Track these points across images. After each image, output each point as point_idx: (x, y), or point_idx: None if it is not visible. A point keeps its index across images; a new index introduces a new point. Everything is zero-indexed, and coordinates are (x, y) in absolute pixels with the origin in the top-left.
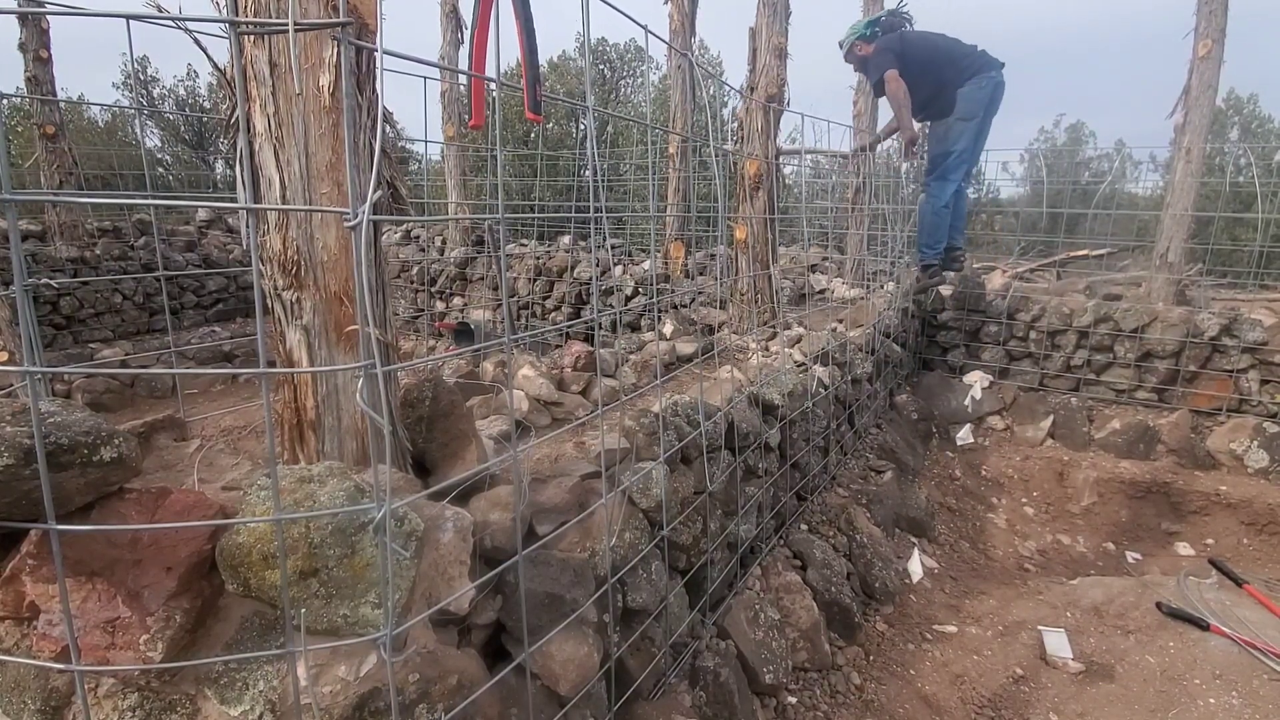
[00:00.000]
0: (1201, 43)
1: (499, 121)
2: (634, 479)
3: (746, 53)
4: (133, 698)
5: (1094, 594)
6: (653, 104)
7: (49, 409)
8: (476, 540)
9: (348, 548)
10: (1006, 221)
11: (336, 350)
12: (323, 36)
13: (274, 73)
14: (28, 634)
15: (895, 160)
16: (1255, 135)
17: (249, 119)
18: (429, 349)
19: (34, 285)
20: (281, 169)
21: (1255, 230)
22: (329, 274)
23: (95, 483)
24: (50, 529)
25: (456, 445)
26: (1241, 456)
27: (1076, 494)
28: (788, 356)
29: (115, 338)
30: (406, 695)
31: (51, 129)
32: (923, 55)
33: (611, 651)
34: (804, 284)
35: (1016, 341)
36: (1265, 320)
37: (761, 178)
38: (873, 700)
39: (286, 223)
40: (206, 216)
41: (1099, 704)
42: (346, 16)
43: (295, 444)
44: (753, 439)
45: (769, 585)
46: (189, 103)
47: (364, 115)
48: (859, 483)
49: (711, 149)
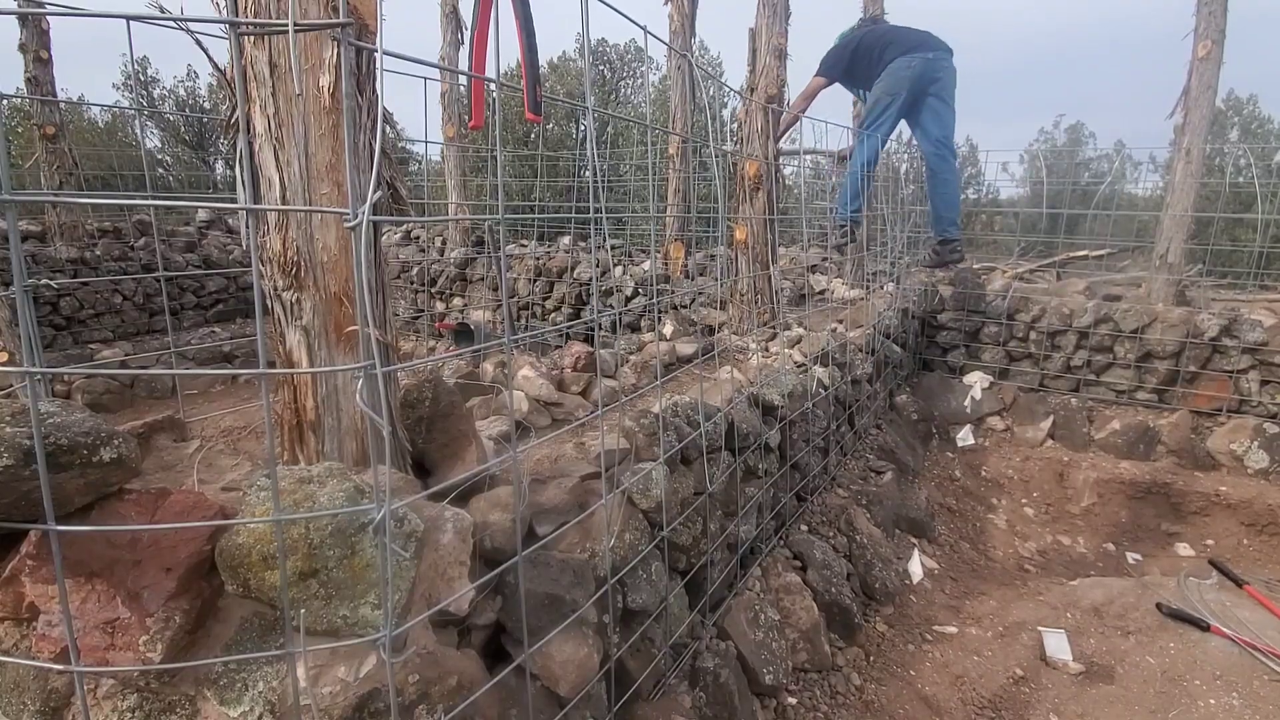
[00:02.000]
0: (1201, 44)
1: (499, 122)
2: (634, 480)
3: (746, 53)
4: (132, 698)
5: (1094, 595)
6: (652, 105)
7: (48, 409)
8: (476, 541)
9: (347, 548)
10: (1006, 222)
11: (336, 351)
12: (323, 37)
13: (274, 73)
14: (27, 634)
15: (894, 161)
16: (1255, 136)
17: (249, 119)
18: (429, 349)
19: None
20: (281, 169)
21: (1255, 231)
22: (329, 275)
23: (95, 483)
24: (50, 529)
25: (456, 446)
26: (1242, 457)
27: (1076, 495)
28: (787, 357)
29: (115, 338)
30: (406, 696)
31: (51, 130)
32: (878, 44)
33: (611, 652)
34: (804, 284)
35: (1016, 342)
36: (1265, 321)
37: (761, 178)
38: (873, 701)
39: (286, 223)
40: (206, 217)
41: (1099, 705)
42: (346, 17)
43: (295, 445)
44: (753, 440)
45: (769, 586)
46: (189, 103)
47: (364, 116)
48: (859, 483)
49: (712, 150)
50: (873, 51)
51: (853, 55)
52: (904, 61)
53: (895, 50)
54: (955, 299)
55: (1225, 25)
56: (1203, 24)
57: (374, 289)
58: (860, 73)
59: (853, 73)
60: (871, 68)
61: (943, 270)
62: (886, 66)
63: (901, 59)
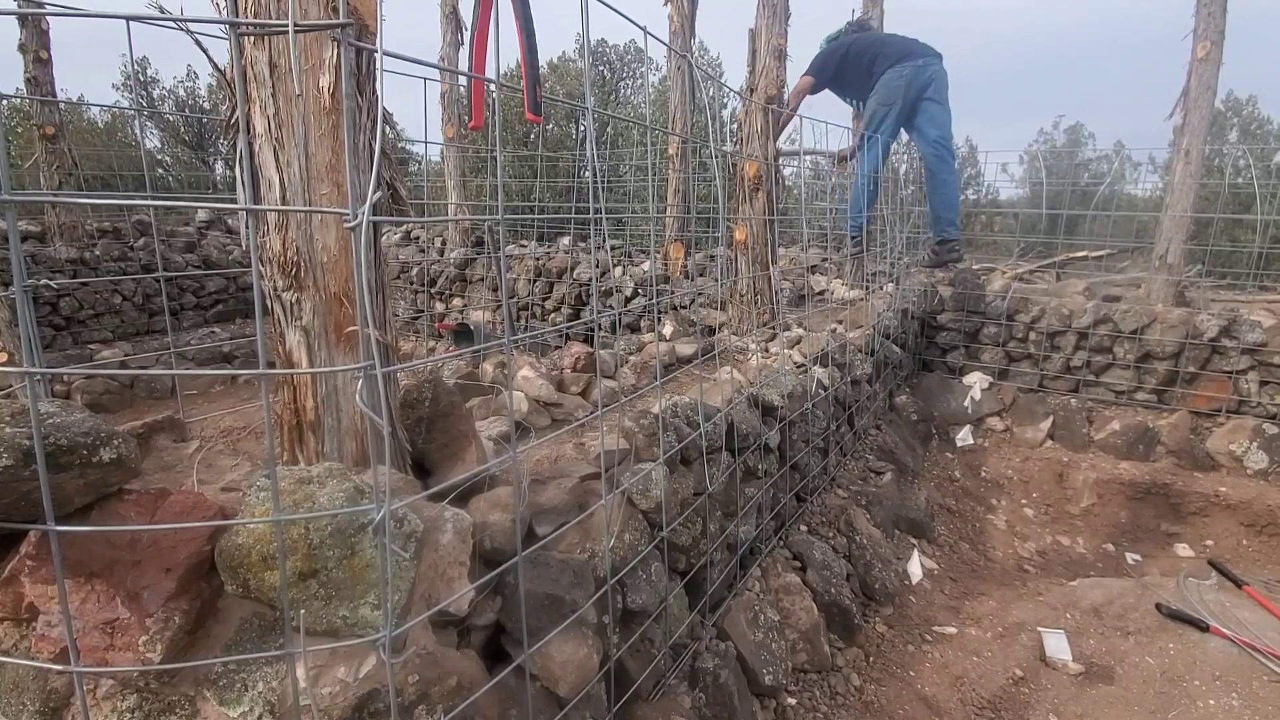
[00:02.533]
0: (1200, 44)
1: (499, 122)
2: (633, 480)
3: (746, 54)
4: (132, 699)
5: (1094, 595)
6: (652, 105)
7: (48, 410)
8: (476, 541)
9: (347, 549)
10: (1006, 223)
11: (336, 351)
12: (323, 37)
13: (274, 73)
14: (27, 635)
15: (894, 161)
16: (1254, 137)
17: (249, 120)
18: (429, 350)
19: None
20: (281, 170)
21: (1254, 231)
22: (329, 275)
23: (95, 483)
24: (49, 530)
25: (456, 446)
26: (1241, 457)
27: (1076, 495)
28: (787, 358)
29: (115, 339)
30: (406, 696)
31: (51, 130)
32: (867, 53)
33: (611, 653)
34: (803, 285)
35: (1016, 343)
36: (1264, 321)
37: (761, 179)
38: (872, 702)
39: (286, 224)
40: (206, 217)
41: (1099, 705)
42: (346, 18)
43: (295, 445)
44: (752, 440)
45: (769, 586)
46: (189, 104)
47: (364, 116)
48: (858, 484)
49: (712, 150)
50: (862, 60)
51: (841, 61)
52: (895, 72)
53: (885, 62)
54: (955, 299)
55: (1224, 26)
56: (1202, 25)
57: (374, 289)
58: (850, 81)
59: (842, 79)
60: (862, 79)
61: (942, 271)
62: (879, 79)
63: (892, 70)
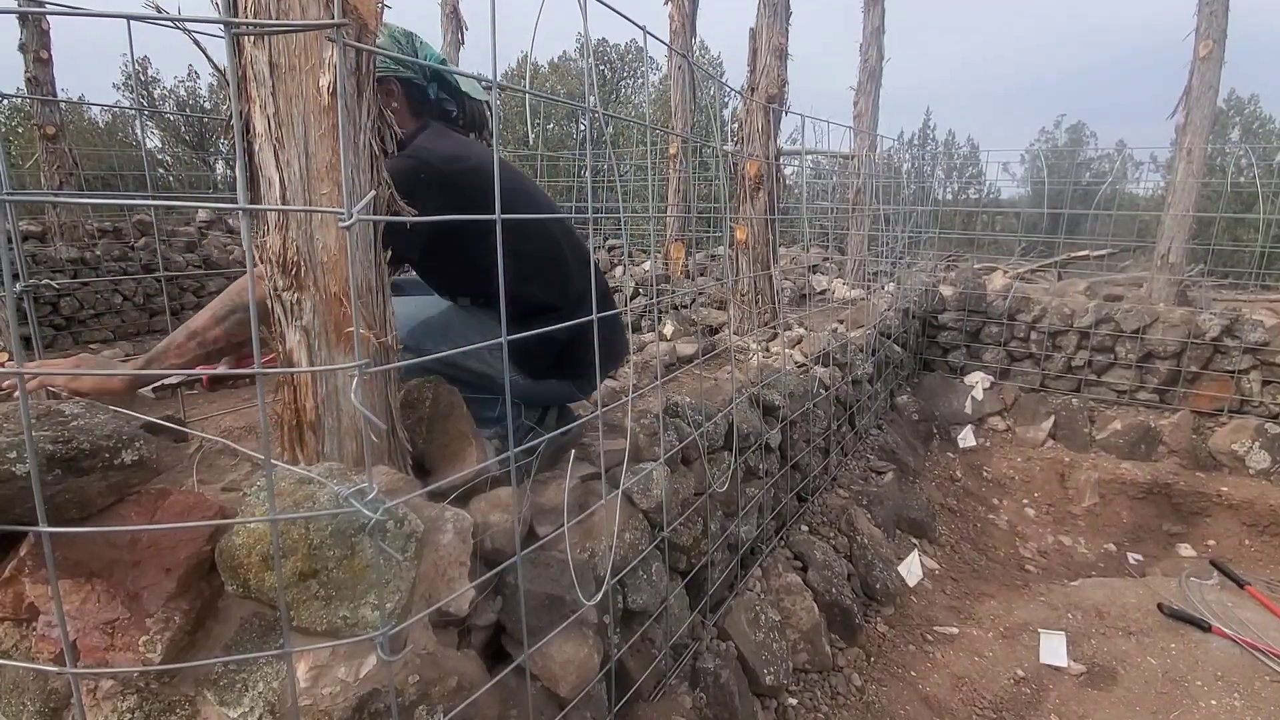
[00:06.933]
0: (1202, 43)
1: (498, 123)
2: (634, 480)
3: (746, 53)
4: (132, 699)
5: (1095, 595)
6: (653, 105)
7: (72, 411)
8: (477, 541)
9: (347, 549)
10: (1007, 222)
11: (336, 351)
12: (322, 37)
13: (274, 73)
14: (27, 635)
15: (895, 161)
16: (1256, 136)
17: (248, 120)
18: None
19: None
20: (281, 169)
21: (1256, 231)
22: (329, 275)
23: (117, 485)
24: (42, 531)
25: (456, 446)
26: (1243, 457)
27: (1078, 495)
28: (788, 357)
29: (115, 338)
30: (406, 697)
31: (52, 130)
32: None
33: (612, 653)
34: (805, 285)
35: (1017, 342)
36: (1267, 321)
37: (762, 178)
38: (874, 702)
39: (286, 223)
40: (207, 217)
41: (1100, 706)
42: (346, 17)
43: (295, 445)
44: (753, 440)
45: (769, 586)
46: (189, 103)
47: (364, 116)
48: (860, 484)
49: (716, 149)
50: None
51: None
52: None
53: None
54: (956, 299)
55: (1226, 25)
56: (1204, 24)
57: (374, 289)
58: None
59: None
60: None
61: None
62: None
63: None
